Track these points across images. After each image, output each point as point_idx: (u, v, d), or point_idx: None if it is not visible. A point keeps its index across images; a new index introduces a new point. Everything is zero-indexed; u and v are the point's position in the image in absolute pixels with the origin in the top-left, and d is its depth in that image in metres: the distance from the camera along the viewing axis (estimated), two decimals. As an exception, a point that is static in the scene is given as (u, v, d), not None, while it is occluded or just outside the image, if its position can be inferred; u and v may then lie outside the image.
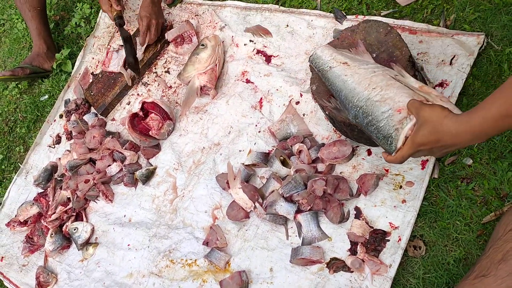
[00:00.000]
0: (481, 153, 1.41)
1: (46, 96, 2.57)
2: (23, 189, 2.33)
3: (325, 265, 1.48)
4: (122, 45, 2.28)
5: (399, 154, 1.18)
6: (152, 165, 2.00)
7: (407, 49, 1.41)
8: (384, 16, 1.74)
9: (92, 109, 2.31)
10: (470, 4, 1.61)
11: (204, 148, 1.91)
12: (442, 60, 1.56)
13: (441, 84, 1.52)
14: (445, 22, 1.64)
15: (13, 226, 2.19)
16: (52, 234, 2.05)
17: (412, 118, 1.15)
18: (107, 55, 2.30)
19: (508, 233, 1.07)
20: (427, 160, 1.45)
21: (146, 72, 2.23)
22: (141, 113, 2.01)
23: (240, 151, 1.81)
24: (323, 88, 1.51)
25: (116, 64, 2.26)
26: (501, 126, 0.97)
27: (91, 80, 2.38)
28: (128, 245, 1.88)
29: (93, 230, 2.01)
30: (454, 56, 1.53)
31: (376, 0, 1.81)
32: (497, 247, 1.08)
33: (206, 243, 1.69)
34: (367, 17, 1.75)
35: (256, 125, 1.82)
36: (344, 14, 1.83)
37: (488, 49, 1.51)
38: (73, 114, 2.31)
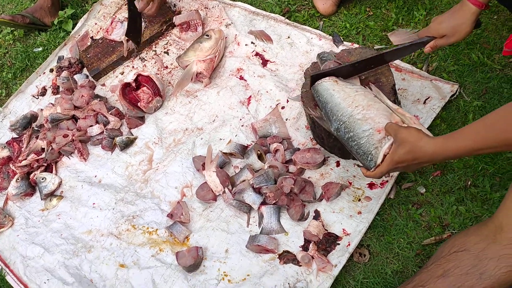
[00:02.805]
0: (433, 185, 1.59)
1: (40, 49, 2.61)
2: (-3, 131, 2.35)
3: (277, 255, 1.61)
4: (128, 17, 2.36)
5: (378, 170, 1.32)
6: (133, 135, 2.08)
7: (392, 78, 1.59)
8: (376, 49, 1.92)
9: (84, 71, 2.37)
10: (452, 57, 1.81)
11: (187, 129, 2.01)
12: (418, 99, 1.74)
13: (412, 119, 1.70)
14: (428, 67, 1.83)
15: (-21, 164, 2.20)
16: (18, 179, 2.08)
17: (389, 139, 1.30)
18: (111, 23, 2.38)
19: (452, 254, 1.20)
20: (387, 181, 1.61)
21: (146, 49, 2.33)
22: (134, 84, 2.10)
23: (220, 139, 1.93)
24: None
25: (118, 34, 2.34)
26: (470, 154, 1.17)
27: (89, 43, 2.45)
28: (93, 204, 1.95)
29: (60, 184, 2.06)
30: (429, 97, 1.72)
31: (372, 34, 1.99)
32: (439, 264, 1.21)
33: (170, 215, 1.79)
34: (363, 46, 1.92)
35: (240, 119, 1.95)
36: (342, 39, 2.00)
37: (459, 98, 1.71)
38: (64, 71, 2.36)
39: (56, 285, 1.78)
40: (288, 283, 1.54)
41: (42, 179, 2.05)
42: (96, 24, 2.55)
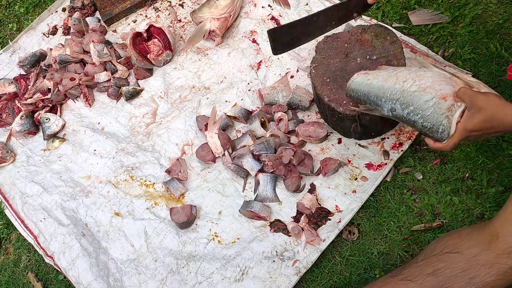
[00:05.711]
0: (431, 173, 1.59)
1: (54, -15, 2.56)
2: (5, 65, 2.33)
3: (269, 223, 1.64)
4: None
5: (451, 141, 1.20)
6: (139, 86, 2.07)
7: (404, 62, 1.56)
8: (395, 27, 1.88)
9: (97, 14, 2.34)
10: (469, 45, 1.77)
11: (193, 87, 2.00)
12: (429, 84, 1.72)
13: (420, 104, 1.69)
14: (443, 53, 1.80)
15: (-15, 97, 2.21)
16: (22, 116, 2.09)
17: (460, 105, 1.17)
18: (128, -32, 2.32)
19: (444, 254, 1.21)
20: (386, 164, 1.62)
21: (161, -2, 2.28)
22: (145, 35, 2.07)
23: (226, 101, 1.92)
24: (322, 69, 1.63)
25: (134, -21, 2.28)
26: None
27: (104, -14, 2.39)
28: (94, 150, 1.97)
29: (63, 126, 2.08)
30: (441, 84, 1.70)
31: (392, 11, 1.94)
32: (430, 262, 1.23)
33: (168, 171, 1.81)
34: (379, 23, 1.88)
35: (248, 83, 1.93)
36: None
37: (470, 88, 1.68)
38: (76, 12, 2.32)
39: (52, 225, 1.84)
40: (276, 251, 1.58)
41: (46, 119, 2.06)
42: (112, -34, 2.48)
